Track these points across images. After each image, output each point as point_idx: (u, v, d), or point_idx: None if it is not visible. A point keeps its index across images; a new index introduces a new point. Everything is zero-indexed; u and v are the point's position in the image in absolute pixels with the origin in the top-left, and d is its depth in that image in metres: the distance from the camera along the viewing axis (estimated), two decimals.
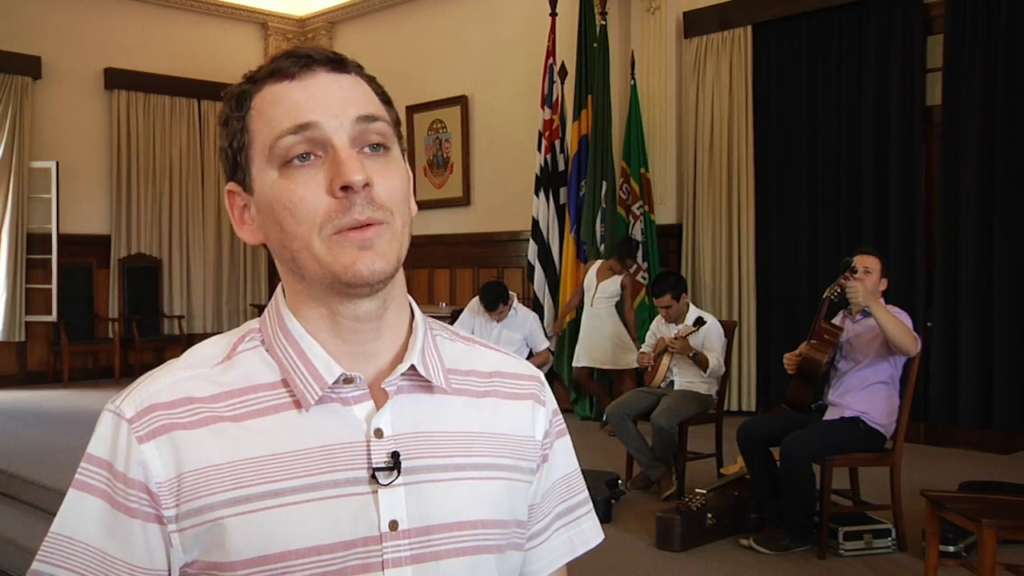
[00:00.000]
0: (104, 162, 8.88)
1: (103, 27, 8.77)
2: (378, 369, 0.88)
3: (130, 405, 0.84)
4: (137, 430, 0.82)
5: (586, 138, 6.66)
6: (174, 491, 0.81)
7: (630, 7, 7.19)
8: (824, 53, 6.26)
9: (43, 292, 8.32)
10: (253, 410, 0.84)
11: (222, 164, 0.90)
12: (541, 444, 0.97)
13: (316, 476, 0.82)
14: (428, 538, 0.84)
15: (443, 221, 8.39)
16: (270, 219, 0.84)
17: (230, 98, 0.88)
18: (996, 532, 2.76)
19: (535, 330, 5.76)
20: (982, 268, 5.51)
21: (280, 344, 0.87)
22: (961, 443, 5.62)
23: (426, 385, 0.89)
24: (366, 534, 0.82)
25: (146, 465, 0.81)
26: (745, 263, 6.58)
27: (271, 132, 0.83)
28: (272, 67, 0.85)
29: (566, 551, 1.00)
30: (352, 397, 0.86)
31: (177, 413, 0.83)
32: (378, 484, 0.83)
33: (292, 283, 0.87)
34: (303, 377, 0.85)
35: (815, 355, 3.78)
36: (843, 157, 6.17)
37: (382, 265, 0.82)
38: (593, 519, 1.03)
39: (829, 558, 3.61)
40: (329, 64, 0.85)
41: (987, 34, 5.47)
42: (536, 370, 1.01)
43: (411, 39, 8.59)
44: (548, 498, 0.98)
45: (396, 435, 0.85)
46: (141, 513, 0.82)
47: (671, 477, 4.55)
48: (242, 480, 0.81)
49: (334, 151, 0.81)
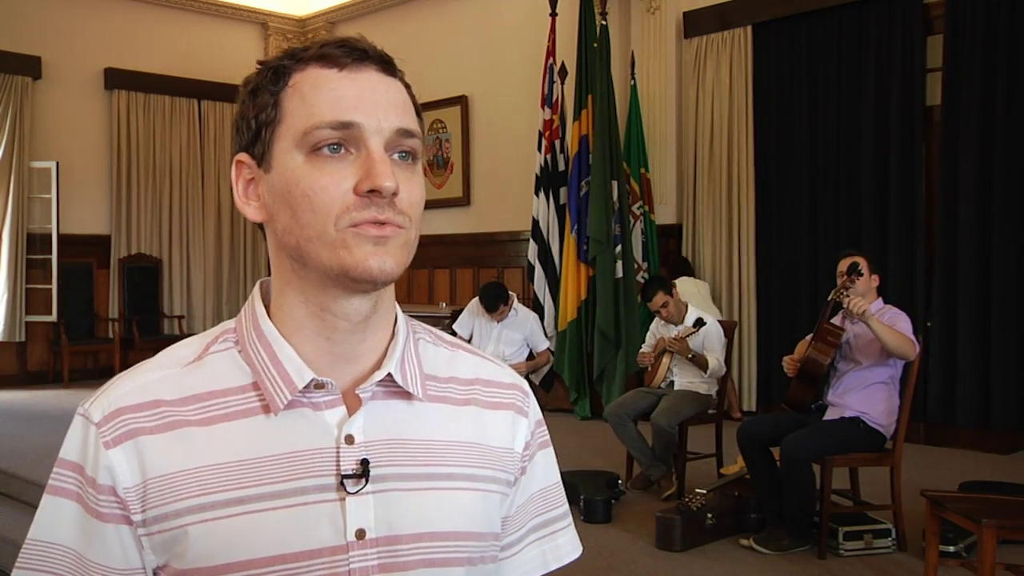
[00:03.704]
0: (104, 162, 8.88)
1: (103, 27, 8.77)
2: (357, 373, 0.86)
3: (98, 409, 0.83)
4: (104, 435, 0.81)
5: (586, 138, 6.66)
6: (140, 497, 0.80)
7: (630, 7, 7.19)
8: (824, 53, 6.26)
9: (43, 292, 8.32)
10: (220, 414, 0.82)
11: (236, 132, 0.87)
12: (521, 456, 0.94)
13: (283, 483, 0.80)
14: (396, 548, 0.83)
15: (443, 221, 8.39)
16: (283, 202, 0.82)
17: (267, 69, 0.85)
18: (996, 532, 2.75)
19: (535, 330, 5.76)
20: (982, 268, 5.51)
21: (253, 346, 0.85)
22: (960, 443, 5.62)
23: (402, 392, 0.87)
24: (332, 543, 0.81)
25: (113, 470, 0.81)
26: (745, 263, 6.58)
27: (309, 118, 0.80)
28: (321, 51, 0.83)
29: (537, 565, 0.98)
30: (324, 402, 0.84)
31: (144, 417, 0.82)
32: (346, 492, 0.81)
33: (285, 273, 0.85)
34: (273, 380, 0.83)
35: (817, 356, 3.78)
36: (843, 157, 6.17)
37: (392, 265, 0.80)
38: (570, 534, 1.01)
39: (829, 558, 3.61)
40: (381, 63, 0.84)
41: (987, 34, 5.47)
42: (519, 378, 0.98)
43: (411, 39, 8.59)
44: (524, 510, 0.96)
45: (368, 442, 0.84)
46: (113, 517, 0.81)
47: (671, 477, 4.55)
48: (207, 487, 0.80)
49: (368, 152, 0.80)
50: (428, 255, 8.30)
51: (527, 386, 0.99)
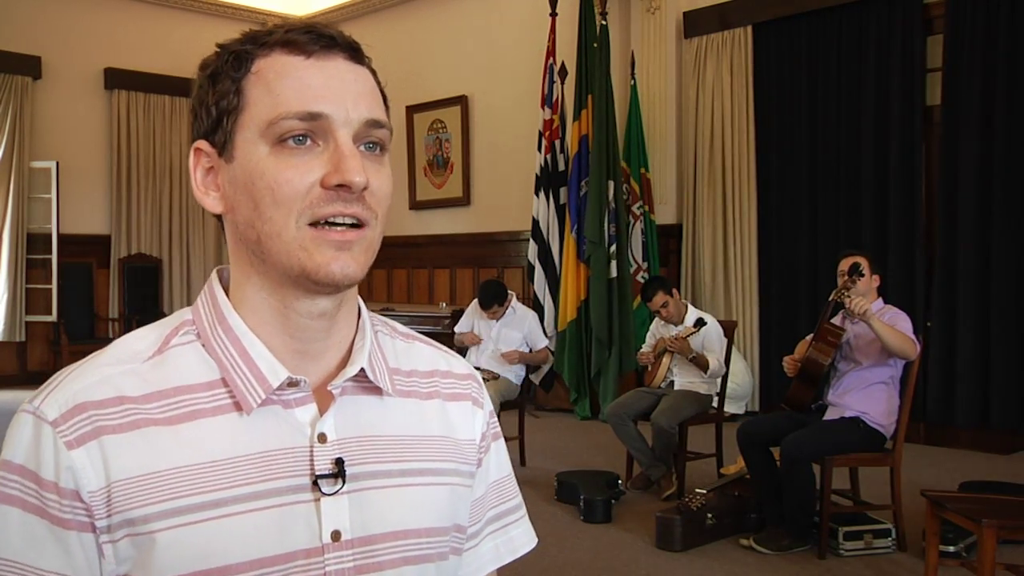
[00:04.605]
0: (104, 162, 8.87)
1: (103, 27, 8.77)
2: (323, 370, 0.83)
3: (52, 406, 0.76)
4: (64, 434, 0.75)
5: (586, 138, 6.66)
6: (105, 501, 0.75)
7: (630, 7, 7.19)
8: (824, 53, 6.26)
9: (43, 292, 8.32)
10: (188, 412, 0.78)
11: (195, 118, 0.82)
12: (478, 447, 0.93)
13: (256, 484, 0.77)
14: (371, 548, 0.81)
15: (443, 221, 8.39)
16: (245, 193, 0.78)
17: (227, 53, 0.81)
18: (996, 532, 2.75)
19: (534, 328, 5.77)
20: (982, 268, 5.51)
21: (219, 339, 0.80)
22: (960, 443, 5.62)
23: (371, 387, 0.85)
24: (307, 545, 0.78)
25: (76, 472, 0.74)
26: (745, 263, 6.58)
27: (274, 108, 0.77)
28: (286, 36, 0.80)
29: (492, 559, 0.97)
30: (295, 400, 0.81)
31: (107, 414, 0.76)
32: (321, 492, 0.79)
33: (245, 267, 0.81)
34: (245, 378, 0.79)
35: (817, 356, 3.78)
36: (843, 157, 6.17)
37: (355, 269, 0.78)
38: (524, 526, 0.99)
39: (829, 558, 3.61)
40: (348, 51, 0.81)
41: (987, 34, 5.47)
42: (471, 368, 0.97)
43: (411, 39, 8.59)
44: (481, 503, 0.95)
45: (340, 440, 0.81)
46: (75, 523, 0.75)
47: (671, 477, 4.55)
48: (178, 490, 0.75)
49: (336, 144, 0.77)
50: (428, 255, 8.30)
51: (479, 376, 0.98)
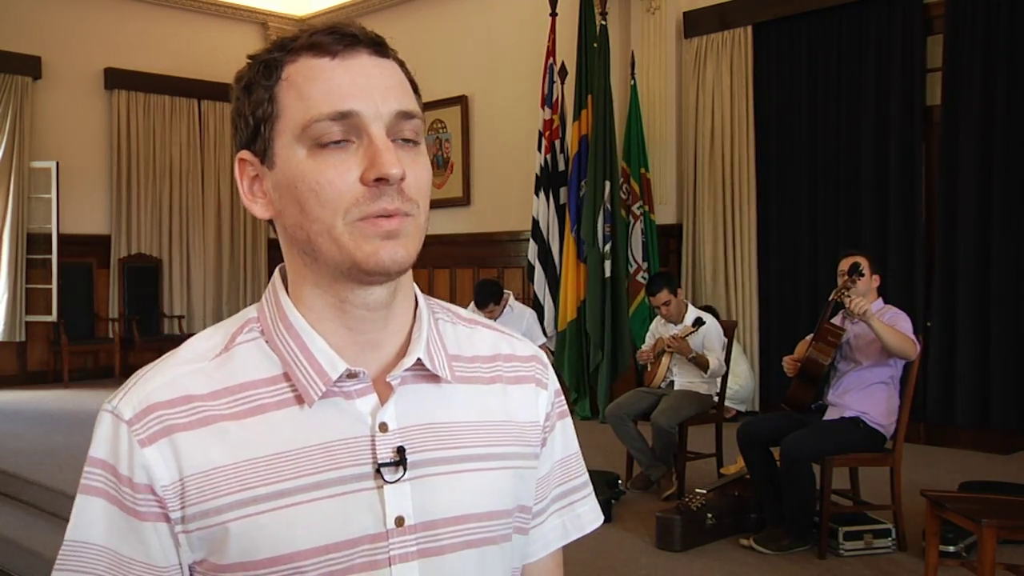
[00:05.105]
0: (104, 162, 8.88)
1: (103, 27, 8.77)
2: (383, 360, 0.86)
3: (128, 405, 0.82)
4: (138, 433, 0.80)
5: (586, 138, 6.66)
6: (178, 494, 0.80)
7: (630, 7, 7.19)
8: (824, 53, 6.26)
9: (43, 292, 8.32)
10: (254, 407, 0.82)
11: (236, 130, 0.85)
12: (543, 427, 0.95)
13: (321, 474, 0.80)
14: (434, 532, 0.83)
15: (443, 221, 8.38)
16: (290, 197, 0.81)
17: (257, 63, 0.83)
18: (996, 532, 2.76)
19: (531, 325, 5.79)
20: (982, 268, 5.51)
21: (281, 336, 0.84)
22: (960, 443, 5.62)
23: (431, 375, 0.87)
24: (372, 531, 0.81)
25: (150, 469, 0.80)
26: (745, 263, 6.58)
27: (306, 112, 0.79)
28: (311, 40, 0.81)
29: (558, 536, 0.99)
30: (355, 391, 0.84)
31: (176, 413, 0.81)
32: (383, 480, 0.81)
33: (299, 267, 0.84)
34: (306, 372, 0.82)
35: (817, 356, 3.78)
36: (843, 157, 6.16)
37: (404, 255, 0.80)
38: (591, 503, 1.01)
39: (829, 558, 3.61)
40: (372, 46, 0.82)
41: (987, 34, 5.47)
42: (537, 349, 0.99)
43: (411, 39, 8.58)
44: (547, 481, 0.97)
45: (401, 428, 0.84)
46: (151, 515, 0.81)
47: (671, 477, 4.54)
48: (246, 482, 0.79)
49: (370, 140, 0.79)
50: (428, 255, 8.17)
51: (545, 357, 0.99)
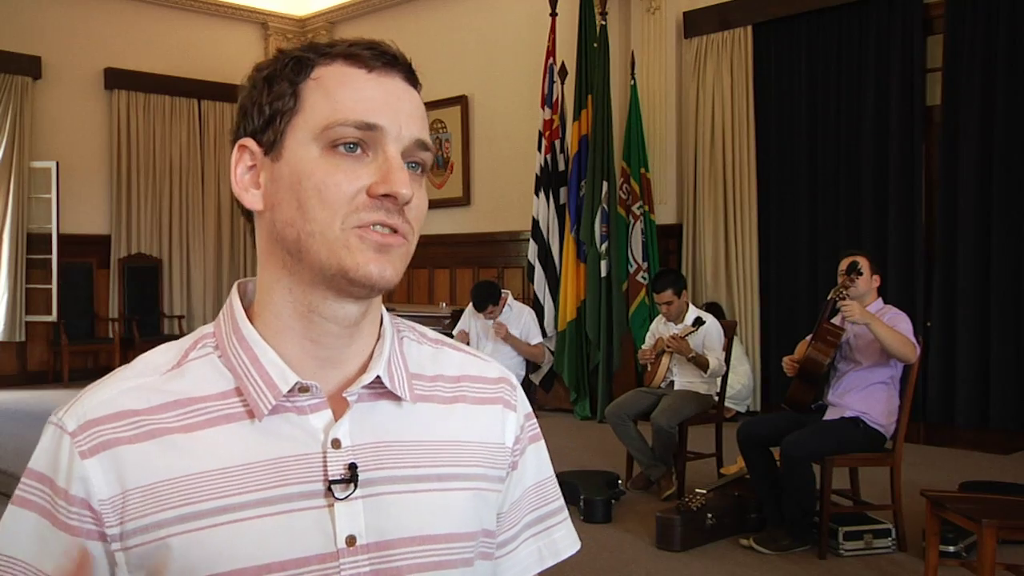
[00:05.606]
0: (104, 162, 8.88)
1: (103, 27, 8.77)
2: (343, 376, 0.85)
3: (72, 418, 0.80)
4: (80, 444, 0.79)
5: (586, 138, 6.67)
6: (118, 509, 0.78)
7: (630, 7, 7.19)
8: (824, 53, 6.26)
9: (43, 292, 8.32)
10: (203, 420, 0.80)
11: (243, 116, 0.84)
12: (511, 450, 0.93)
13: (269, 490, 0.79)
14: (389, 552, 0.81)
15: (443, 221, 8.39)
16: (289, 192, 0.80)
17: (287, 58, 0.83)
18: (996, 532, 2.75)
19: (529, 324, 5.79)
20: (981, 268, 5.51)
21: (234, 350, 0.83)
22: (960, 443, 5.62)
23: (389, 393, 0.85)
24: (322, 550, 0.79)
25: (87, 481, 0.78)
26: (745, 263, 6.58)
27: (332, 114, 0.80)
28: (349, 49, 0.82)
29: (534, 562, 0.96)
30: (309, 406, 0.82)
31: (120, 427, 0.79)
32: (334, 497, 0.79)
33: (275, 269, 0.83)
34: (256, 385, 0.81)
35: (817, 356, 3.78)
36: (843, 157, 6.17)
37: (391, 274, 0.80)
38: (567, 528, 0.99)
39: (829, 558, 3.61)
40: (407, 72, 0.84)
41: (987, 34, 5.47)
42: (506, 372, 0.97)
43: (411, 39, 8.59)
44: (518, 506, 0.95)
45: (355, 445, 0.82)
46: (83, 531, 0.78)
47: (671, 477, 4.54)
48: (191, 496, 0.77)
49: (386, 157, 0.80)
50: (428, 255, 8.29)
51: (515, 379, 0.98)
